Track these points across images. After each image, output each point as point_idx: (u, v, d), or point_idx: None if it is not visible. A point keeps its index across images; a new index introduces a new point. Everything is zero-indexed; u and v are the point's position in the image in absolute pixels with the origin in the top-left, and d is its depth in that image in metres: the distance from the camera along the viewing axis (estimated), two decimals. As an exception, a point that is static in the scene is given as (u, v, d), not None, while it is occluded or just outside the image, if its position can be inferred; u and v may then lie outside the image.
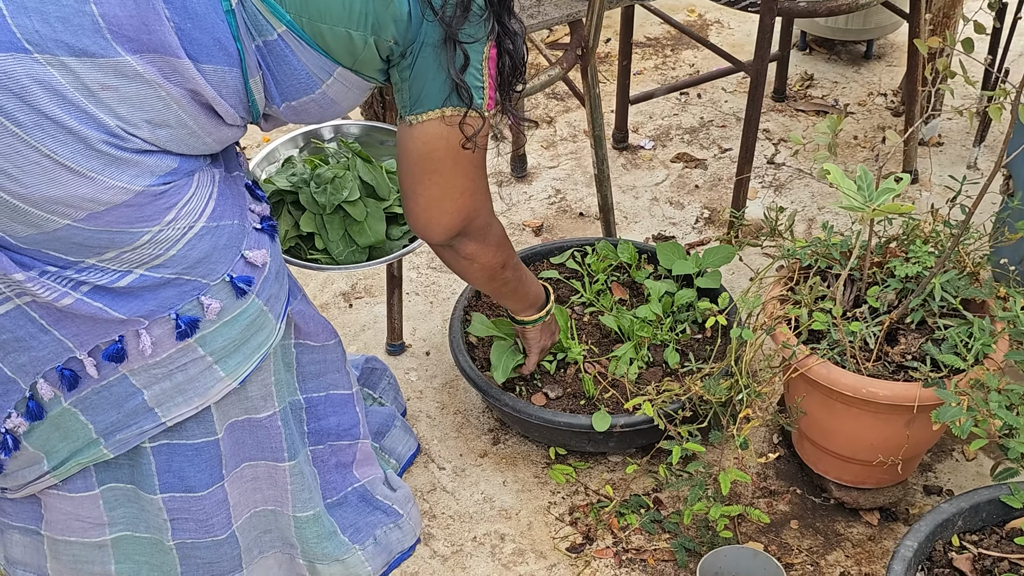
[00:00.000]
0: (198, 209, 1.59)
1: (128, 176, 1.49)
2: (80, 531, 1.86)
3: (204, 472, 1.81)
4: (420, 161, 1.69)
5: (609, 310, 2.38)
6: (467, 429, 2.37)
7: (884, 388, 1.86)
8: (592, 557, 2.10)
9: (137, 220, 1.53)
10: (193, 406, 1.72)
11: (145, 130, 1.49)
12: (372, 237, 2.03)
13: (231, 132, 1.62)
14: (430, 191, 1.72)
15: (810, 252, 2.07)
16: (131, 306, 1.60)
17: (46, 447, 1.74)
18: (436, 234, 1.78)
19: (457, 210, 1.75)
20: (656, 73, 3.57)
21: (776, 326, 1.97)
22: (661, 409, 2.06)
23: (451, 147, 1.66)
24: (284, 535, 1.99)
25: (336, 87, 1.63)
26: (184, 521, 1.85)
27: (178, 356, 1.67)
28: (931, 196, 2.94)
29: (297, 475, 1.92)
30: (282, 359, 1.85)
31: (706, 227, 2.90)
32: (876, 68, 3.53)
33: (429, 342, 2.58)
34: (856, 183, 1.77)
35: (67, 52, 1.41)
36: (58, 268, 1.55)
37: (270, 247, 1.73)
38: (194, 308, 1.64)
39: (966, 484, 2.21)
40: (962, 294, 1.96)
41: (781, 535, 2.13)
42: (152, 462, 1.78)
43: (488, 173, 3.07)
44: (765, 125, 3.26)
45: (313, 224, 2.02)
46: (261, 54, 1.55)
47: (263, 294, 1.71)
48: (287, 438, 1.88)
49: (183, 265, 1.60)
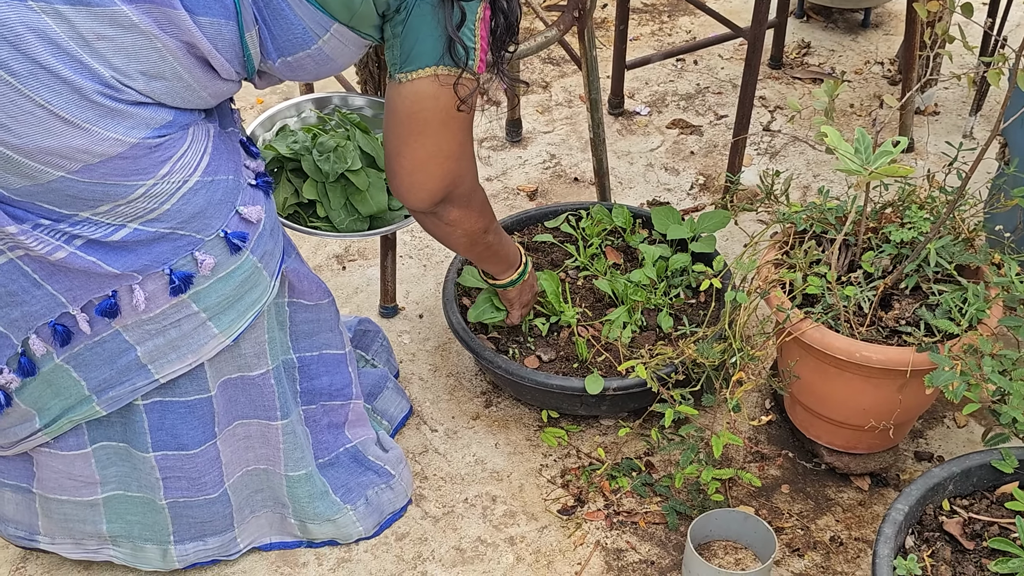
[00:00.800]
0: (193, 163, 1.58)
1: (123, 128, 1.48)
2: (72, 490, 1.86)
3: (197, 430, 1.81)
4: (407, 121, 1.67)
5: (603, 274, 2.37)
6: (459, 392, 2.37)
7: (877, 352, 1.86)
8: (583, 519, 2.10)
9: (132, 173, 1.52)
10: (186, 363, 1.72)
11: (140, 82, 1.48)
12: (374, 206, 2.03)
13: (226, 87, 1.61)
14: (416, 153, 1.70)
15: (805, 216, 2.06)
16: (125, 260, 1.60)
17: (38, 404, 1.74)
18: (420, 199, 1.76)
19: (443, 174, 1.73)
20: (652, 39, 3.55)
21: (770, 290, 1.96)
22: (654, 372, 2.06)
23: (440, 107, 1.64)
24: (276, 494, 2.00)
25: (332, 43, 1.62)
26: (176, 479, 1.85)
27: (172, 312, 1.66)
28: (926, 164, 2.94)
29: (290, 434, 1.92)
30: (275, 317, 1.85)
31: (701, 193, 2.89)
32: (873, 37, 3.51)
33: (422, 305, 2.58)
34: (854, 146, 1.76)
35: (62, 1, 1.40)
36: (52, 221, 1.54)
37: (265, 203, 1.72)
38: (188, 263, 1.63)
39: (957, 451, 2.21)
40: (957, 260, 1.95)
41: (772, 499, 2.13)
42: (145, 419, 1.77)
43: (483, 138, 3.07)
44: (761, 92, 3.25)
45: (315, 192, 2.02)
46: (258, 7, 1.54)
47: (257, 250, 1.70)
48: (280, 396, 1.88)
49: (177, 220, 1.60)
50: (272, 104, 3.22)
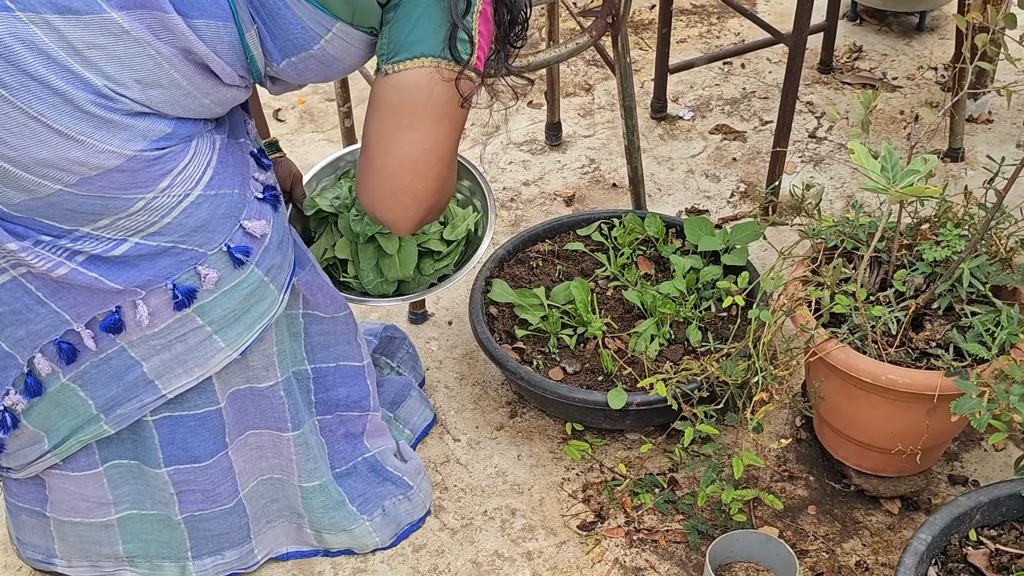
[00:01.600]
0: (195, 176, 1.56)
1: (119, 140, 1.46)
2: (85, 511, 1.86)
3: (208, 441, 1.80)
4: (394, 112, 1.53)
5: (633, 284, 2.33)
6: (484, 401, 2.35)
7: (904, 376, 1.80)
8: (603, 536, 2.07)
9: (131, 186, 1.50)
10: (193, 377, 1.71)
11: (135, 90, 1.45)
12: (400, 272, 2.00)
13: (231, 93, 1.58)
14: (404, 149, 1.55)
15: (836, 232, 2.00)
16: (127, 276, 1.58)
17: (46, 425, 1.73)
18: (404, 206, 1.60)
19: (435, 177, 1.59)
20: (700, 41, 3.49)
21: (796, 308, 1.91)
22: (678, 388, 2.02)
23: (432, 101, 1.52)
24: (291, 504, 1.99)
25: (336, 43, 1.56)
26: (191, 493, 1.84)
27: (176, 326, 1.65)
28: (976, 174, 2.85)
29: (302, 445, 1.91)
30: (287, 329, 1.83)
31: (741, 201, 2.83)
32: (928, 41, 3.42)
33: (452, 311, 2.56)
34: (880, 163, 1.71)
35: (50, 9, 1.38)
36: (52, 237, 1.54)
37: (272, 217, 1.69)
38: (191, 278, 1.62)
39: (993, 475, 2.14)
40: (992, 280, 1.89)
41: (798, 520, 2.08)
42: (155, 435, 1.76)
43: (522, 141, 3.05)
44: (809, 98, 3.18)
45: (348, 251, 2.01)
46: (254, 7, 1.50)
47: (263, 264, 1.68)
48: (290, 408, 1.86)
49: (179, 233, 1.58)
50: (313, 107, 3.23)
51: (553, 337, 2.25)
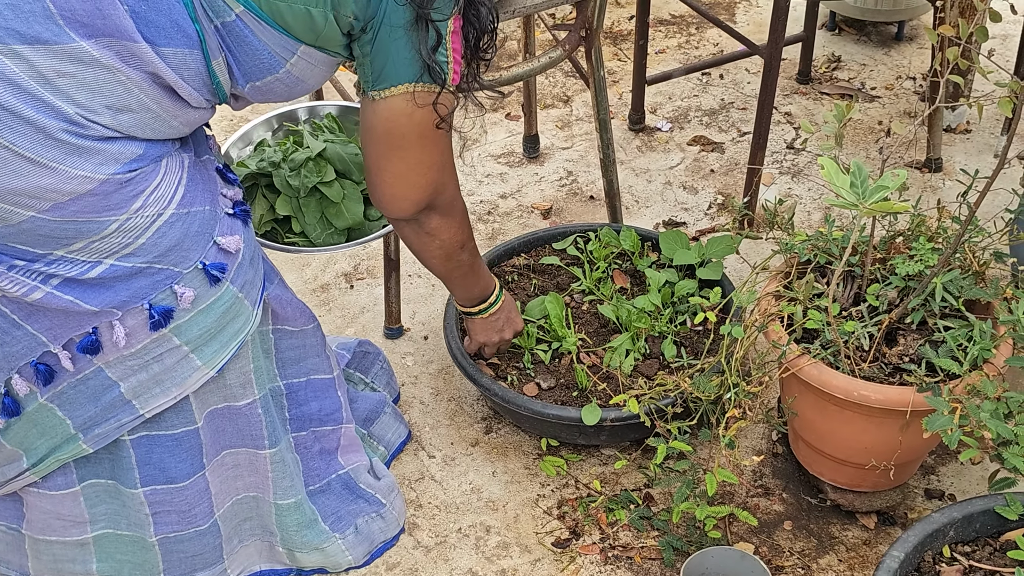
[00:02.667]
0: (167, 196, 1.56)
1: (91, 165, 1.46)
2: (61, 530, 1.84)
3: (185, 462, 1.79)
4: (385, 137, 1.65)
5: (609, 299, 2.32)
6: (460, 417, 2.33)
7: (876, 392, 1.79)
8: (577, 553, 2.05)
9: (104, 209, 1.50)
10: (171, 396, 1.70)
11: (106, 116, 1.46)
12: (350, 219, 1.98)
13: (198, 114, 1.59)
14: (395, 167, 1.68)
15: (809, 246, 2.00)
16: (103, 297, 1.58)
17: (24, 444, 1.72)
18: (402, 209, 1.75)
19: (425, 184, 1.72)
20: (679, 52, 3.48)
21: (769, 323, 1.90)
22: (652, 404, 2.01)
23: (416, 123, 1.62)
24: (264, 522, 1.97)
25: (301, 65, 1.59)
26: (166, 514, 1.83)
27: (153, 347, 1.64)
28: (954, 185, 2.85)
29: (278, 463, 1.90)
30: (260, 345, 1.82)
31: (719, 213, 2.82)
32: (906, 51, 3.42)
33: (428, 326, 2.54)
34: (850, 179, 1.70)
35: (18, 40, 1.38)
36: (26, 262, 1.53)
37: (243, 232, 1.69)
38: (167, 297, 1.61)
39: (970, 489, 2.14)
40: (965, 294, 1.88)
41: (773, 536, 2.07)
42: (132, 455, 1.75)
43: (500, 153, 3.03)
44: (787, 108, 3.18)
45: (289, 207, 1.98)
46: (221, 35, 1.51)
47: (237, 280, 1.68)
48: (268, 425, 1.85)
49: (154, 254, 1.57)
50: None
51: (528, 352, 2.24)
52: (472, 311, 2.10)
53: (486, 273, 2.07)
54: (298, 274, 2.69)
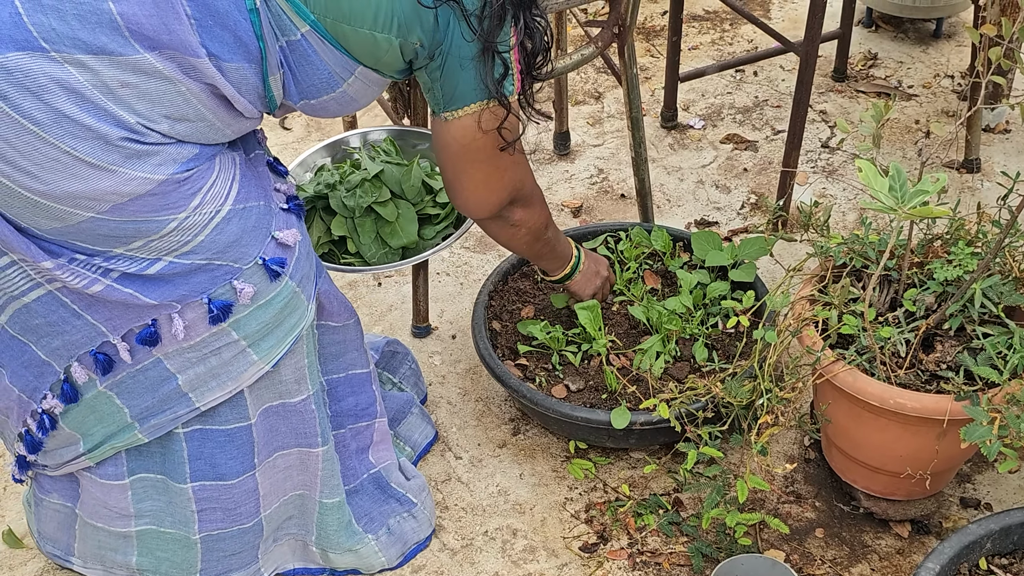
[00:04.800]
0: (223, 192, 1.57)
1: (149, 166, 1.47)
2: (107, 518, 1.87)
3: (236, 459, 1.80)
4: (462, 153, 1.71)
5: (639, 300, 2.29)
6: (487, 418, 2.31)
7: (912, 400, 1.75)
8: (605, 558, 2.03)
9: (162, 208, 1.51)
10: (227, 390, 1.71)
11: (164, 125, 1.48)
12: (404, 238, 2.00)
13: (249, 124, 1.61)
14: (474, 178, 1.75)
15: (845, 249, 1.96)
16: (162, 291, 1.59)
17: (82, 429, 1.75)
18: (487, 211, 1.82)
19: (504, 186, 1.79)
20: (713, 48, 3.44)
21: (803, 328, 1.87)
22: (683, 408, 1.98)
23: (490, 138, 1.67)
24: (304, 520, 1.97)
25: (357, 85, 1.62)
26: (212, 511, 1.84)
27: (212, 340, 1.66)
28: (992, 186, 2.79)
29: (329, 460, 1.91)
30: (312, 341, 1.82)
31: (752, 213, 2.78)
32: (944, 48, 3.36)
33: (456, 325, 2.52)
34: (889, 182, 1.66)
35: (84, 51, 1.39)
36: (87, 256, 1.55)
37: (299, 226, 1.72)
38: (227, 292, 1.62)
39: (1007, 498, 2.09)
40: (1005, 300, 1.83)
41: (805, 543, 2.03)
42: (184, 448, 1.76)
43: (531, 151, 3.00)
44: (822, 106, 3.13)
45: (344, 227, 1.99)
46: (284, 53, 1.54)
47: (296, 275, 1.69)
48: (321, 421, 1.86)
49: (213, 250, 1.59)
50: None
51: (556, 354, 2.21)
52: (563, 276, 2.15)
53: (564, 239, 2.12)
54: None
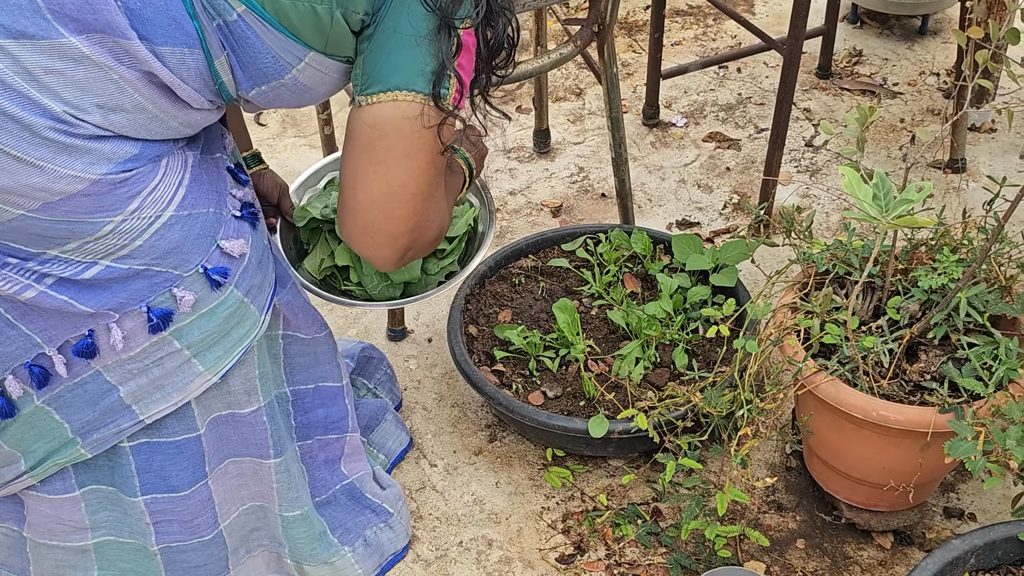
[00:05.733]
0: (166, 197, 1.48)
1: (81, 164, 1.38)
2: (62, 534, 1.79)
3: (186, 470, 1.73)
4: (367, 148, 1.48)
5: (619, 303, 2.24)
6: (463, 424, 2.26)
7: (896, 412, 1.72)
8: (582, 569, 1.98)
9: (97, 210, 1.43)
10: (172, 402, 1.64)
11: (96, 115, 1.38)
12: (407, 273, 1.90)
13: (200, 116, 1.50)
14: (375, 186, 1.50)
15: (828, 256, 1.92)
16: (99, 299, 1.51)
17: (21, 446, 1.66)
18: (378, 244, 1.54)
19: (406, 214, 1.52)
20: (695, 44, 3.39)
21: (784, 337, 1.82)
22: (662, 418, 1.93)
23: (403, 136, 1.46)
24: (273, 532, 1.91)
25: (309, 72, 1.50)
26: (168, 523, 1.77)
27: (153, 350, 1.58)
28: (978, 187, 2.76)
29: (283, 473, 1.83)
30: (268, 351, 1.75)
31: (734, 214, 2.74)
32: (930, 45, 3.32)
33: (432, 328, 2.47)
34: (872, 190, 1.62)
35: (3, 35, 1.31)
36: (19, 260, 1.47)
37: (251, 235, 1.62)
38: (167, 300, 1.54)
39: (990, 507, 2.06)
40: (991, 309, 1.80)
41: (785, 555, 1.99)
42: (132, 462, 1.69)
43: (509, 148, 2.95)
44: (806, 104, 3.09)
45: (348, 257, 1.91)
46: (222, 34, 1.42)
47: (242, 285, 1.60)
48: (273, 434, 1.79)
49: (152, 256, 1.50)
50: (296, 111, 3.14)
51: (534, 359, 2.16)
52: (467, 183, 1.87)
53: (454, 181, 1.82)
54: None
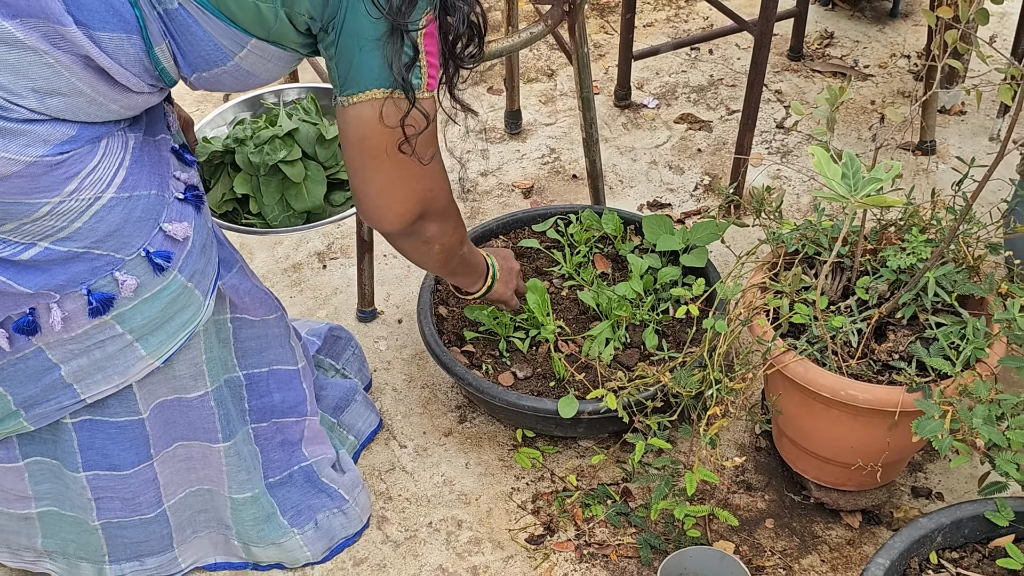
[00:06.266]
0: (105, 178, 1.47)
1: (16, 146, 1.37)
2: (5, 501, 1.80)
3: (129, 451, 1.73)
4: (359, 145, 1.53)
5: (589, 284, 2.24)
6: (433, 405, 2.25)
7: (864, 391, 1.72)
8: (552, 550, 1.98)
9: (33, 191, 1.41)
10: (113, 384, 1.63)
11: (32, 99, 1.36)
12: (309, 201, 1.87)
13: (141, 99, 1.49)
14: (376, 180, 1.56)
15: (797, 236, 1.91)
16: (38, 280, 1.49)
17: None
18: (392, 223, 1.62)
19: (409, 195, 1.59)
20: (668, 25, 3.38)
21: (753, 317, 1.82)
22: (631, 398, 1.93)
23: (386, 131, 1.49)
24: (219, 515, 1.90)
25: (251, 59, 1.49)
26: (109, 500, 1.77)
27: (95, 332, 1.57)
28: (947, 169, 2.76)
29: (233, 456, 1.83)
30: (216, 335, 1.74)
31: (705, 195, 2.74)
32: (901, 27, 3.32)
33: (403, 309, 2.46)
34: (842, 169, 1.61)
35: None
36: None
37: (194, 219, 1.60)
38: (108, 284, 1.52)
39: (958, 487, 2.07)
40: (959, 289, 1.80)
41: (755, 534, 2.00)
42: (74, 438, 1.69)
43: (480, 129, 2.94)
44: (778, 86, 3.08)
45: (248, 186, 1.87)
46: (163, 22, 1.41)
47: (186, 270, 1.59)
48: (221, 418, 1.78)
49: (91, 238, 1.49)
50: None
51: (504, 340, 2.16)
52: (479, 292, 2.01)
53: (478, 253, 1.97)
54: (269, 252, 2.60)
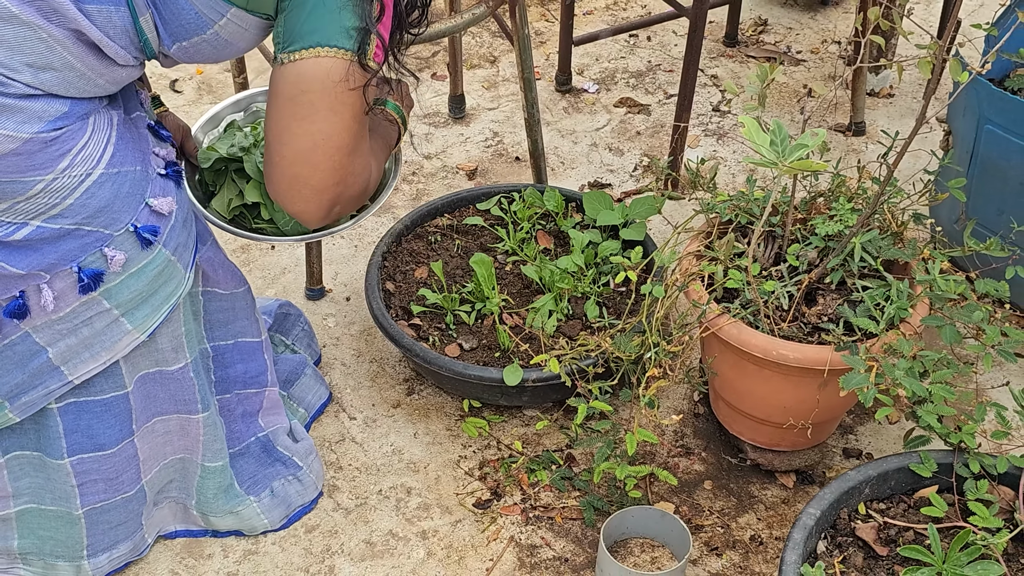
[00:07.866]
0: (95, 155, 1.51)
1: (13, 123, 1.41)
2: None
3: (114, 428, 1.75)
4: (290, 103, 1.51)
5: (532, 259, 2.30)
6: (381, 378, 2.31)
7: (794, 351, 1.80)
8: (498, 514, 2.04)
9: (28, 169, 1.45)
10: (100, 361, 1.66)
11: (27, 74, 1.41)
12: None
13: (125, 72, 1.54)
14: (299, 141, 1.52)
15: (731, 206, 1.99)
16: (30, 260, 1.53)
17: None
18: (305, 198, 1.57)
19: (331, 167, 1.55)
20: (607, 13, 3.46)
21: (689, 283, 1.90)
22: (573, 364, 2.00)
23: (327, 90, 1.49)
24: (186, 484, 1.94)
25: (230, 28, 1.53)
26: (93, 483, 1.79)
27: (82, 310, 1.60)
28: (877, 149, 2.87)
29: (210, 426, 1.88)
30: (190, 308, 1.78)
31: (644, 176, 2.82)
32: (832, 15, 3.43)
33: (350, 287, 2.51)
34: (770, 137, 1.69)
35: None
36: None
37: (176, 193, 1.65)
38: (97, 260, 1.56)
39: (887, 448, 2.16)
40: (883, 255, 1.89)
41: (694, 496, 2.08)
42: (59, 423, 1.71)
43: (424, 114, 3.00)
44: (714, 71, 3.17)
45: (259, 193, 1.92)
46: None
47: (170, 243, 1.64)
48: (200, 389, 1.82)
49: (82, 215, 1.53)
50: (212, 77, 3.14)
51: (450, 313, 2.21)
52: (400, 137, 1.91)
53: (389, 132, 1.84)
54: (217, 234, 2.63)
